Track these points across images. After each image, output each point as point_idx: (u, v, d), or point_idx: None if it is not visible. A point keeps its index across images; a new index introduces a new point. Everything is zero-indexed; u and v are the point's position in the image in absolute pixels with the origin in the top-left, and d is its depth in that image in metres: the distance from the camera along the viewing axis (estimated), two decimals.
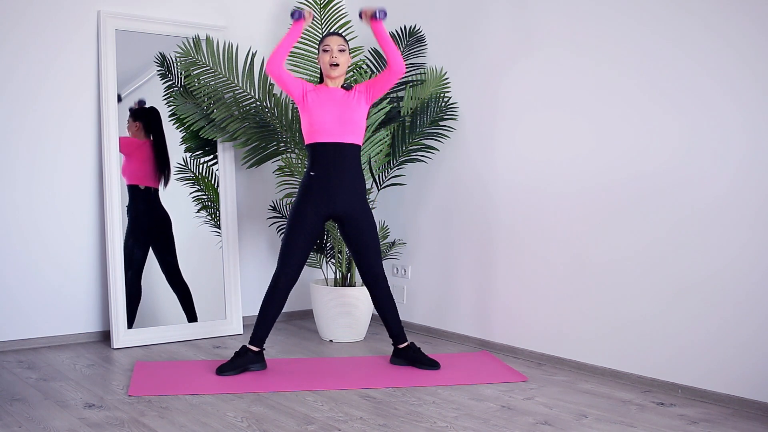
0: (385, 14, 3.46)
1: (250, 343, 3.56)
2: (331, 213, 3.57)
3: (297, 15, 3.48)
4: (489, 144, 4.11)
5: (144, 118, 4.19)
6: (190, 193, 4.39)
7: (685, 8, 3.23)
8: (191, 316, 4.29)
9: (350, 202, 3.56)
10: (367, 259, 3.64)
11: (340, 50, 3.55)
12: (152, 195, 4.26)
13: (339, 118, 3.51)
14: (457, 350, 4.08)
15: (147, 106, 4.18)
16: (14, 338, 3.92)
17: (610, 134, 3.54)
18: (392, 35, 4.45)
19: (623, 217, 3.48)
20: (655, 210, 3.36)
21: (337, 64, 3.53)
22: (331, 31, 3.79)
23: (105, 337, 4.15)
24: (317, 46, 3.74)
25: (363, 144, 4.10)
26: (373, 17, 3.48)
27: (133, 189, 4.18)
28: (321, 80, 3.67)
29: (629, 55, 3.44)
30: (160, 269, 4.27)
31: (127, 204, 4.14)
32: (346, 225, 3.61)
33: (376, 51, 4.51)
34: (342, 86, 3.62)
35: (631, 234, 3.45)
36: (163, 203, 4.27)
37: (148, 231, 4.26)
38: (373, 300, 3.71)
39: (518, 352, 3.95)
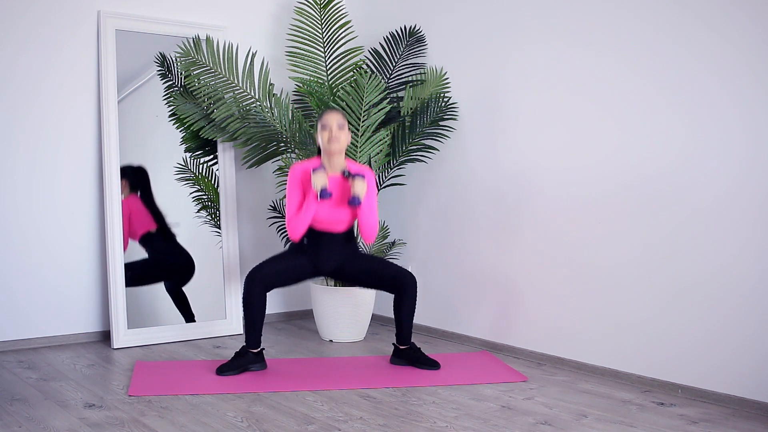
0: (359, 202, 3.48)
1: (246, 347, 3.55)
2: (323, 270, 3.66)
3: (327, 196, 3.45)
4: (489, 144, 4.11)
5: (130, 176, 4.18)
6: (190, 193, 4.40)
7: (689, 8, 3.23)
8: (189, 318, 4.29)
9: (343, 259, 3.66)
10: (379, 275, 3.64)
11: (340, 128, 3.53)
12: (167, 237, 4.29)
13: (330, 214, 3.56)
14: (457, 350, 4.08)
15: (136, 165, 4.20)
16: (14, 338, 3.92)
17: (610, 134, 3.54)
18: (392, 35, 4.46)
19: (623, 217, 3.48)
20: (655, 210, 3.36)
21: (336, 142, 3.51)
22: (330, 107, 3.69)
23: (105, 337, 4.15)
24: (315, 122, 3.66)
25: (363, 144, 4.11)
26: (350, 204, 3.50)
27: (144, 240, 4.21)
28: (319, 152, 3.66)
29: (631, 57, 3.44)
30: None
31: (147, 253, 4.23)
32: (343, 271, 3.67)
33: (376, 51, 4.51)
34: (342, 172, 3.58)
35: (632, 234, 3.45)
36: (182, 245, 4.34)
37: (166, 268, 4.31)
38: (396, 300, 3.68)
39: (518, 352, 3.95)
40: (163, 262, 4.31)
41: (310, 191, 3.48)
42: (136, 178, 4.19)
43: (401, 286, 3.62)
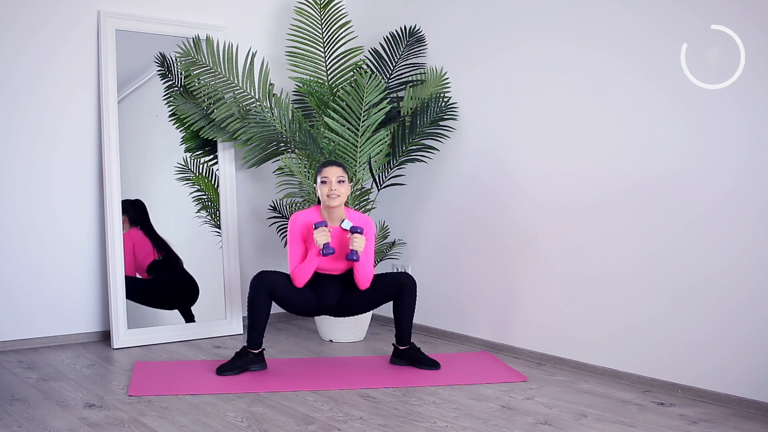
0: (357, 257, 3.49)
1: (247, 347, 3.55)
2: (326, 305, 3.68)
3: (330, 252, 3.46)
4: (489, 144, 4.11)
5: (128, 210, 4.18)
6: (190, 193, 4.39)
7: (693, 9, 3.23)
8: (188, 318, 4.29)
9: (342, 294, 3.69)
10: (380, 288, 3.64)
11: (339, 182, 3.52)
12: (173, 264, 4.29)
13: (331, 262, 3.59)
14: (457, 350, 4.08)
15: (133, 199, 4.20)
16: (14, 338, 3.92)
17: (611, 135, 3.53)
18: (392, 35, 4.46)
19: (623, 217, 3.48)
20: (655, 212, 3.36)
21: (336, 196, 3.52)
22: (330, 160, 3.68)
23: (105, 337, 4.15)
24: (315, 175, 3.63)
25: (363, 144, 4.11)
26: (347, 259, 3.51)
27: (150, 270, 4.22)
28: (319, 201, 3.66)
29: (632, 57, 3.44)
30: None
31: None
32: (347, 300, 3.68)
33: (376, 51, 4.51)
34: (341, 224, 3.57)
35: (632, 234, 3.45)
36: (189, 271, 4.34)
37: (173, 296, 4.32)
38: (396, 301, 3.67)
39: (518, 352, 3.95)
40: (169, 291, 4.31)
41: (313, 246, 3.50)
42: (135, 212, 4.19)
43: (401, 288, 3.62)
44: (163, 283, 4.27)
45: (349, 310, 3.72)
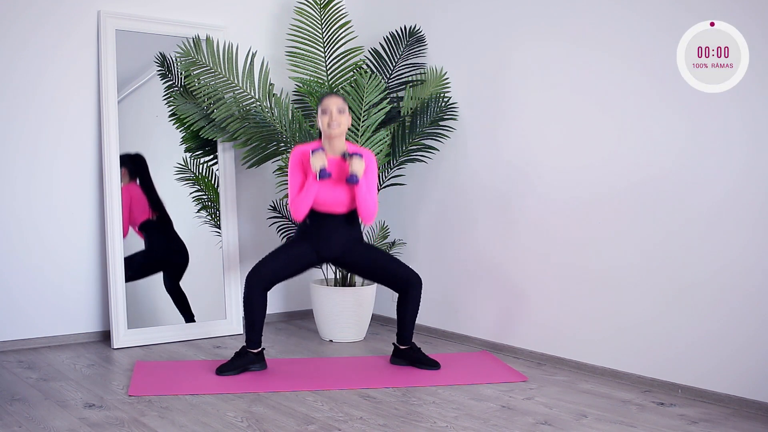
0: (356, 180, 3.46)
1: (247, 347, 3.56)
2: (326, 255, 3.64)
3: (326, 175, 3.45)
4: (489, 144, 4.11)
5: (128, 163, 4.18)
6: (190, 193, 4.39)
7: (690, 8, 3.23)
8: (188, 318, 4.29)
9: (345, 243, 3.63)
10: (386, 271, 3.64)
11: (340, 112, 3.53)
12: (164, 225, 4.29)
13: (331, 194, 3.55)
14: (457, 350, 4.08)
15: (133, 153, 4.20)
16: (14, 338, 3.92)
17: (611, 134, 3.54)
18: (392, 35, 4.46)
19: (624, 217, 3.48)
20: (655, 211, 3.36)
21: (337, 125, 3.51)
22: (330, 91, 3.66)
23: (105, 337, 4.15)
24: (316, 106, 3.66)
25: (363, 144, 4.10)
26: (347, 182, 3.49)
27: (142, 227, 4.21)
28: (320, 135, 3.65)
29: (632, 57, 3.44)
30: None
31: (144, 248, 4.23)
32: (347, 258, 3.66)
33: (376, 51, 4.51)
34: (342, 154, 3.57)
35: (632, 234, 3.45)
36: (179, 234, 4.33)
37: (163, 259, 4.31)
38: (400, 300, 3.68)
39: (518, 352, 3.95)
40: (159, 253, 4.29)
41: (311, 172, 3.49)
42: (135, 167, 4.19)
43: (407, 287, 3.62)
44: (154, 243, 4.26)
45: (348, 266, 3.71)
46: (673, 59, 3.26)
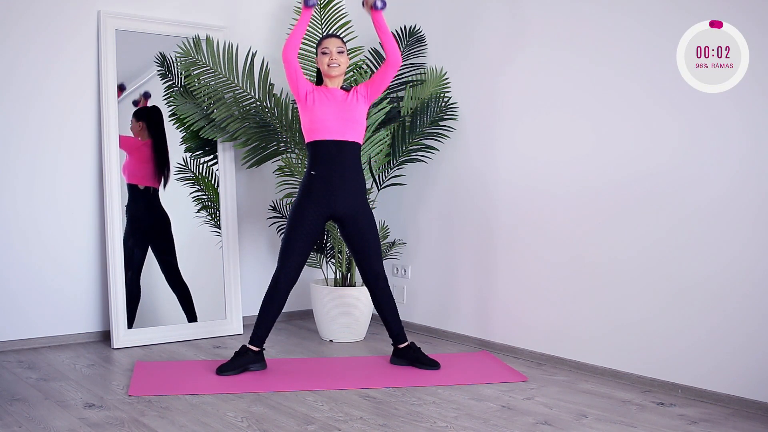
0: (384, 4, 3.48)
1: (250, 342, 3.56)
2: (331, 213, 3.58)
3: (312, 2, 3.46)
4: (489, 144, 4.11)
5: (146, 118, 4.19)
6: (190, 193, 4.39)
7: (684, 8, 3.23)
8: (191, 316, 4.29)
9: (351, 202, 3.57)
10: (368, 259, 3.65)
11: (339, 52, 3.58)
12: (151, 195, 4.26)
13: (339, 116, 3.53)
14: (457, 350, 4.08)
15: (149, 105, 4.17)
16: (14, 338, 3.92)
17: (610, 134, 3.54)
18: (392, 35, 4.44)
19: (624, 217, 3.48)
20: (655, 210, 3.36)
21: (336, 65, 3.56)
22: (330, 33, 3.78)
23: (105, 337, 4.15)
24: (315, 48, 3.75)
25: (363, 144, 4.10)
26: (373, 7, 3.52)
27: (132, 188, 4.19)
28: (319, 82, 3.69)
29: (629, 54, 3.44)
30: (159, 269, 4.27)
31: (126, 203, 4.14)
32: (347, 225, 3.62)
33: (376, 51, 4.51)
34: (342, 87, 3.64)
35: (632, 234, 3.45)
36: (163, 204, 4.27)
37: (147, 231, 4.26)
38: (373, 299, 3.72)
39: (518, 352, 3.95)
40: (142, 223, 4.24)
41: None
42: (150, 120, 4.17)
43: (376, 280, 3.65)
44: (138, 211, 4.19)
45: (348, 231, 3.62)
46: (672, 59, 3.26)
